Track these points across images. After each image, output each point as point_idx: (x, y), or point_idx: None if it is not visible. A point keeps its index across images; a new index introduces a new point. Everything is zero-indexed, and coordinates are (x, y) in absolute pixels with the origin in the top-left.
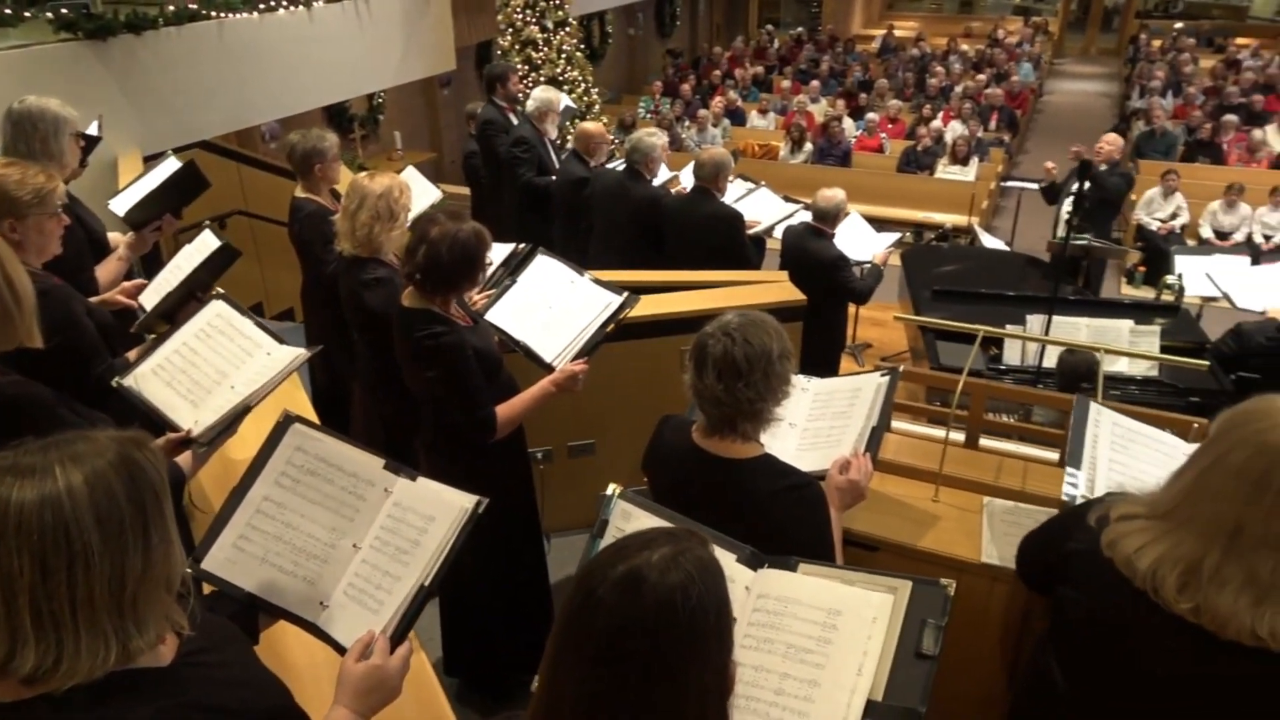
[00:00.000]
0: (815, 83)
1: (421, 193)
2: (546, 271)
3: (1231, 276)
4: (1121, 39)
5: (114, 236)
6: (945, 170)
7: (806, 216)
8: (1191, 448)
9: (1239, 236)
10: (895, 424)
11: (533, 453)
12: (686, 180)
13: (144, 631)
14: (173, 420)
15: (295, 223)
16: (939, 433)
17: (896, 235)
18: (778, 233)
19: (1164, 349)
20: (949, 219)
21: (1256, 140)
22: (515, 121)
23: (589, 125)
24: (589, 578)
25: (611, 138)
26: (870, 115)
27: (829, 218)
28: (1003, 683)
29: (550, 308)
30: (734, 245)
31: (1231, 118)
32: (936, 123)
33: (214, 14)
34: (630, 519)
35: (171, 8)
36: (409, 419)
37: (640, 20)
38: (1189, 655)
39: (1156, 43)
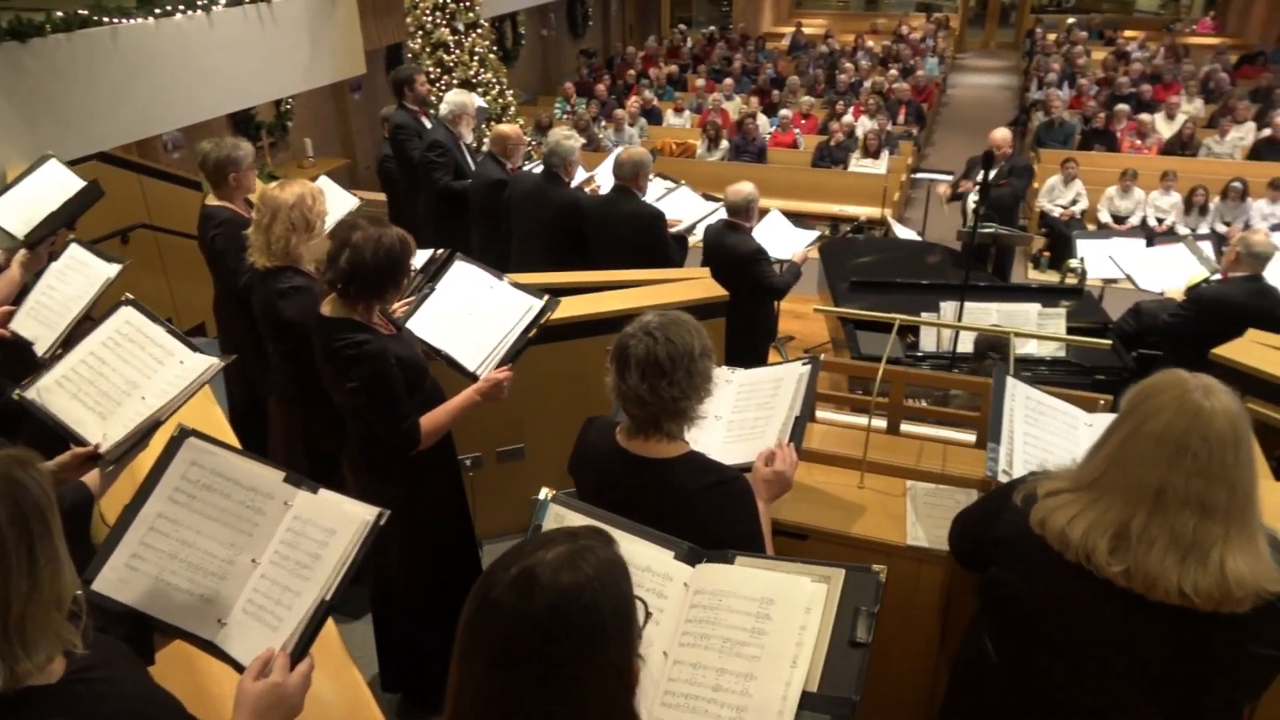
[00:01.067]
0: (729, 81)
1: (337, 200)
2: (465, 278)
3: (1131, 259)
4: (1018, 33)
5: None
6: (858, 164)
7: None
8: (1093, 418)
9: (1134, 220)
10: (820, 413)
11: (462, 460)
12: (603, 180)
13: (32, 654)
14: (80, 435)
15: (207, 232)
16: (862, 420)
17: (815, 234)
18: (699, 231)
19: (1070, 330)
20: (863, 211)
21: (1146, 127)
22: (428, 125)
23: (505, 127)
24: (486, 579)
25: (528, 139)
26: (784, 112)
27: (742, 211)
28: (932, 660)
29: (470, 314)
30: (656, 244)
31: (1123, 107)
32: (848, 118)
33: (106, 20)
34: (564, 522)
35: (60, 14)
36: (329, 433)
37: (553, 21)
38: (1121, 621)
39: (1051, 36)
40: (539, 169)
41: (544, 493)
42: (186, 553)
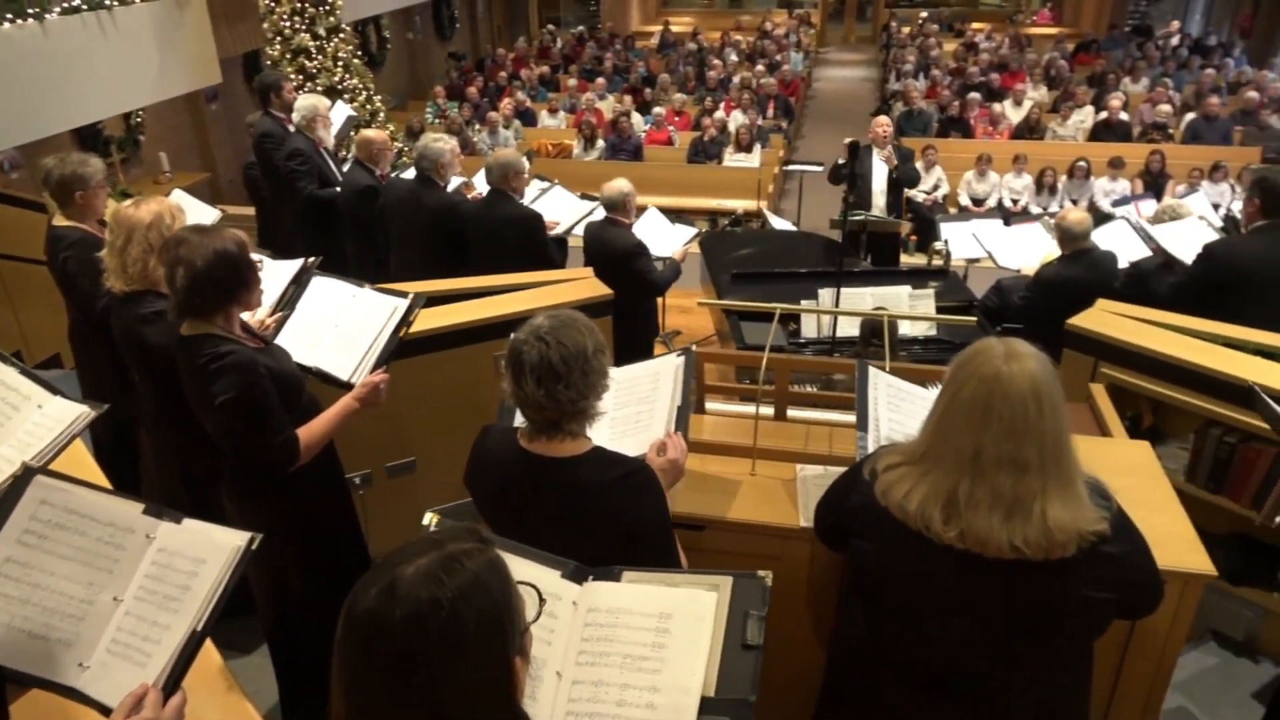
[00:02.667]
0: (601, 80)
1: (197, 216)
2: (324, 291)
3: (991, 238)
4: (875, 27)
5: None
6: (732, 158)
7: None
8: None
9: (992, 202)
10: (709, 405)
11: (350, 479)
12: (482, 185)
13: None
14: None
15: (57, 255)
16: (750, 409)
17: (694, 230)
18: (579, 231)
19: (939, 309)
20: (740, 205)
21: (997, 114)
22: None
23: (370, 132)
24: (353, 594)
25: (397, 144)
26: (657, 109)
27: (619, 207)
28: (829, 631)
29: (337, 326)
30: (536, 246)
31: (975, 95)
32: (719, 113)
33: None
34: None
35: None
36: (207, 460)
37: (418, 24)
38: (964, 582)
39: (906, 30)
40: (412, 174)
41: (427, 518)
42: (40, 596)
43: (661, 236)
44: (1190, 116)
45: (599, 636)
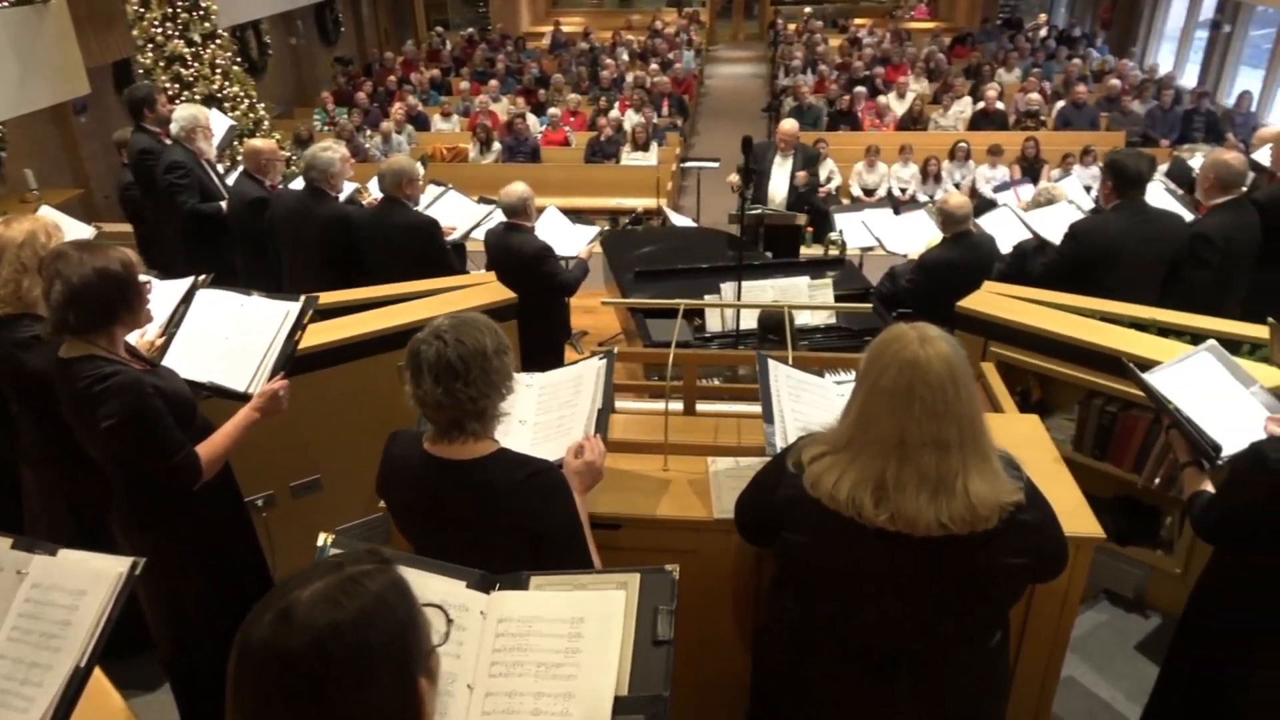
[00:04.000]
0: (494, 82)
1: (71, 234)
2: (211, 304)
3: (881, 227)
4: (762, 24)
5: None
6: (629, 157)
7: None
8: (842, 388)
9: (881, 192)
10: (620, 404)
11: (251, 501)
12: (376, 192)
13: None
14: None
15: None
16: (660, 405)
17: (596, 229)
18: (478, 235)
19: (837, 298)
20: (640, 203)
21: (883, 106)
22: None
23: (257, 142)
24: (247, 621)
25: (287, 154)
26: (552, 110)
27: (520, 211)
28: (752, 622)
29: (227, 338)
30: (434, 252)
31: (861, 89)
32: (614, 113)
33: None
34: None
35: None
36: (98, 492)
37: (301, 29)
38: (897, 562)
39: (792, 26)
40: (301, 185)
41: (322, 539)
42: None
43: (563, 237)
44: (1060, 104)
45: (511, 646)
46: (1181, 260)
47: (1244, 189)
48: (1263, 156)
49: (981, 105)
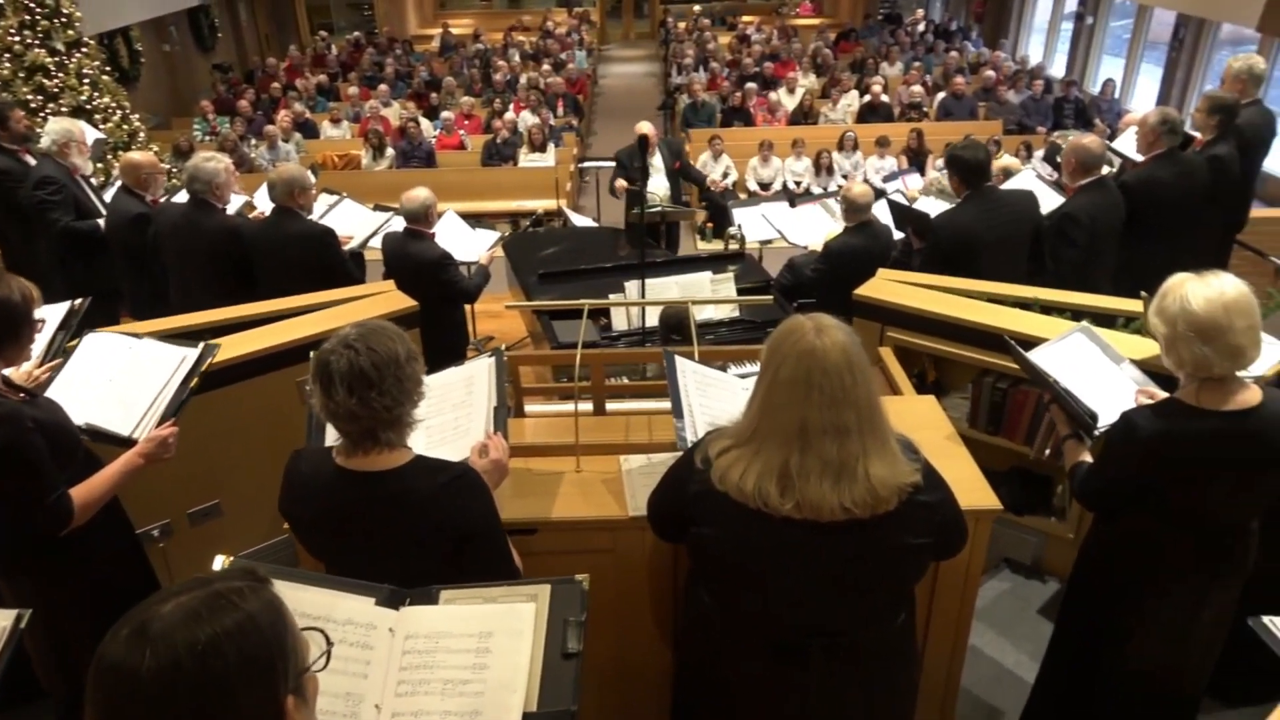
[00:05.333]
0: (383, 86)
1: None
2: (97, 348)
3: (780, 219)
4: (653, 23)
5: None
6: (526, 159)
7: (403, 222)
8: (746, 381)
9: (777, 186)
10: (529, 407)
11: (145, 532)
12: (264, 204)
13: None
14: None
15: None
16: (569, 407)
17: (497, 234)
18: (375, 243)
19: (739, 291)
20: (540, 205)
21: (774, 102)
22: (33, 163)
23: (135, 155)
24: (105, 639)
25: (167, 166)
26: (445, 114)
27: (421, 218)
28: (671, 617)
29: (112, 381)
30: (331, 263)
31: (752, 85)
32: (509, 114)
33: None
34: None
35: None
36: None
37: (174, 35)
38: (806, 548)
39: (682, 25)
40: (184, 198)
41: (219, 561)
42: None
43: (463, 242)
44: (941, 95)
45: (418, 664)
46: (1046, 237)
47: (1107, 170)
48: (1128, 139)
49: (868, 99)
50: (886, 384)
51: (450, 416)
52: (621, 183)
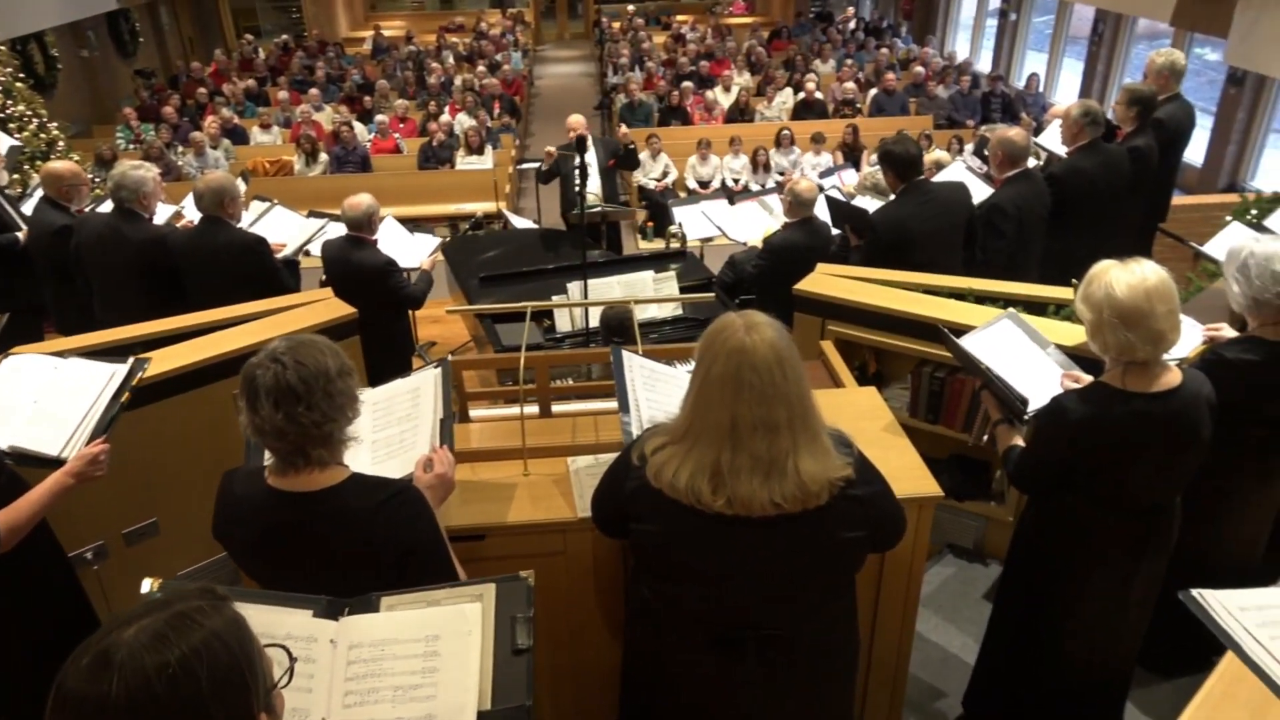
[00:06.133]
0: (314, 90)
1: None
2: (18, 369)
3: (720, 216)
4: (587, 23)
5: None
6: (464, 161)
7: (339, 229)
8: (688, 376)
9: (716, 184)
10: (474, 412)
11: (78, 555)
12: (193, 213)
13: None
14: None
15: None
16: (515, 410)
17: (437, 240)
18: (312, 250)
19: (681, 289)
20: (479, 207)
21: (710, 100)
22: None
23: (56, 165)
24: (64, 667)
25: (91, 176)
26: (379, 117)
27: (364, 225)
28: (620, 611)
29: (36, 402)
30: (264, 272)
31: (688, 84)
32: (445, 117)
33: None
34: None
35: None
36: None
37: (93, 40)
38: (739, 543)
39: (616, 24)
40: (109, 208)
41: (147, 584)
42: None
43: (404, 248)
44: (873, 92)
45: (365, 673)
46: (978, 229)
47: (1033, 162)
48: (1053, 131)
49: (802, 96)
50: (829, 377)
51: (396, 430)
52: (550, 148)
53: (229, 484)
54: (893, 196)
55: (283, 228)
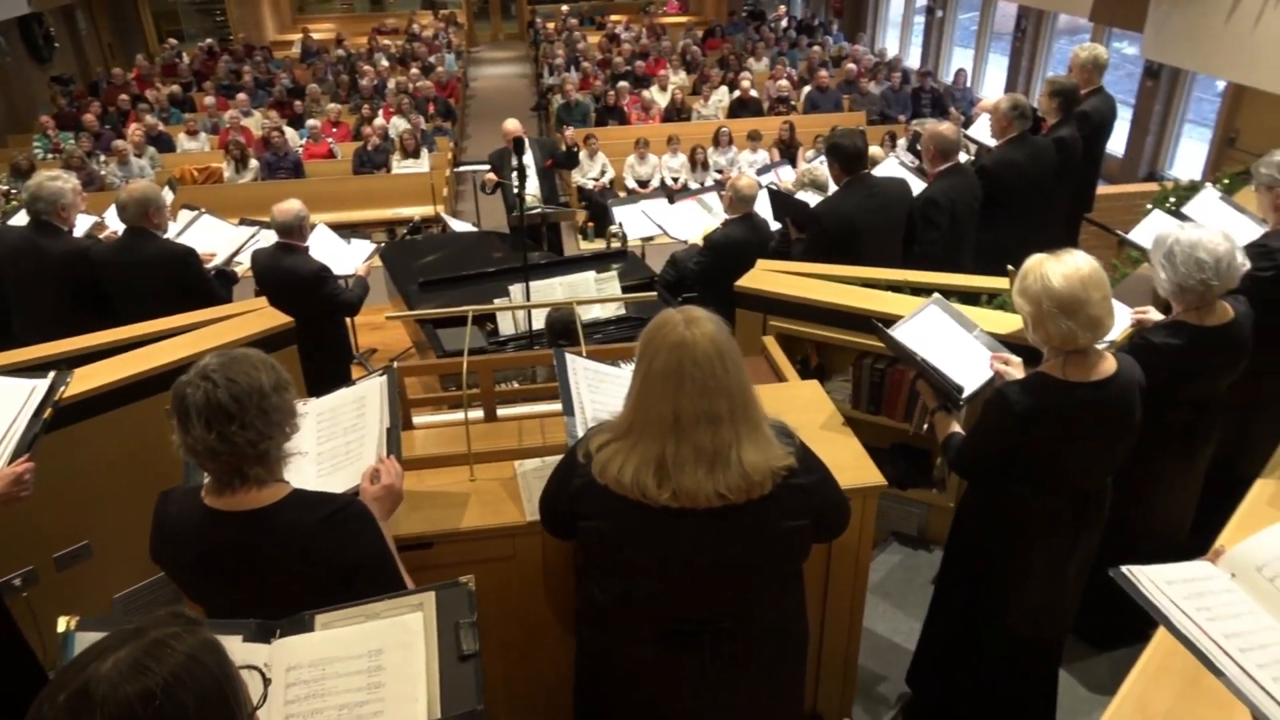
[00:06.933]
0: (242, 95)
1: None
2: None
3: (660, 215)
4: (521, 24)
5: None
6: (400, 165)
7: (272, 236)
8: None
9: (655, 183)
10: (418, 418)
11: (7, 581)
12: (116, 224)
13: None
14: None
15: None
16: (459, 416)
17: (373, 245)
18: (243, 258)
19: (624, 289)
20: (416, 211)
21: (647, 100)
22: None
23: None
24: (35, 706)
25: (5, 187)
26: (311, 122)
27: (295, 231)
28: (572, 611)
29: None
30: (194, 283)
31: (624, 84)
32: (379, 120)
33: None
34: None
35: None
36: None
37: (4, 45)
38: (685, 535)
39: (551, 25)
40: (25, 220)
41: (62, 623)
42: None
43: (338, 254)
44: (807, 89)
45: (307, 695)
46: (915, 223)
47: (964, 156)
48: (983, 125)
49: (738, 94)
50: (772, 371)
51: (342, 441)
52: (489, 175)
53: (164, 505)
54: (834, 189)
55: (212, 236)
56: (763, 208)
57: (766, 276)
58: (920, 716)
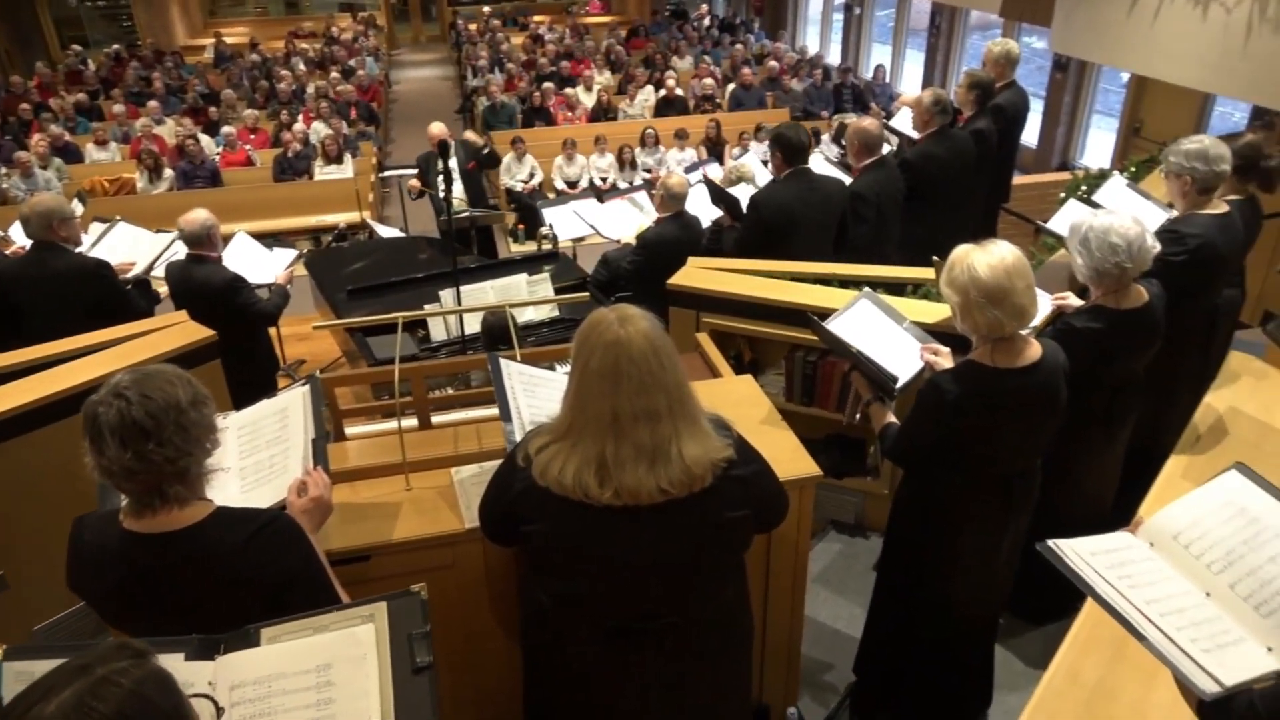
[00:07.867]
0: (153, 103)
1: None
2: None
3: (592, 215)
4: (443, 25)
5: None
6: (322, 171)
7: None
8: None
9: (584, 184)
10: (351, 429)
11: None
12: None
13: None
14: None
15: None
16: (393, 425)
17: (295, 253)
18: (160, 269)
19: (556, 290)
20: (341, 218)
21: (572, 100)
22: None
23: None
24: None
25: None
26: (226, 129)
27: (204, 241)
28: (517, 616)
29: None
30: (111, 297)
31: (549, 85)
32: (299, 126)
33: None
34: (32, 678)
35: None
36: None
37: None
38: (629, 533)
39: (473, 26)
40: None
41: None
42: None
43: (258, 263)
44: (731, 87)
45: (254, 713)
46: (845, 218)
47: (887, 149)
48: (904, 117)
49: (663, 93)
50: (706, 368)
51: (265, 455)
52: (414, 182)
53: (79, 531)
54: (762, 184)
55: (130, 246)
56: (698, 199)
57: (699, 274)
58: (866, 701)
